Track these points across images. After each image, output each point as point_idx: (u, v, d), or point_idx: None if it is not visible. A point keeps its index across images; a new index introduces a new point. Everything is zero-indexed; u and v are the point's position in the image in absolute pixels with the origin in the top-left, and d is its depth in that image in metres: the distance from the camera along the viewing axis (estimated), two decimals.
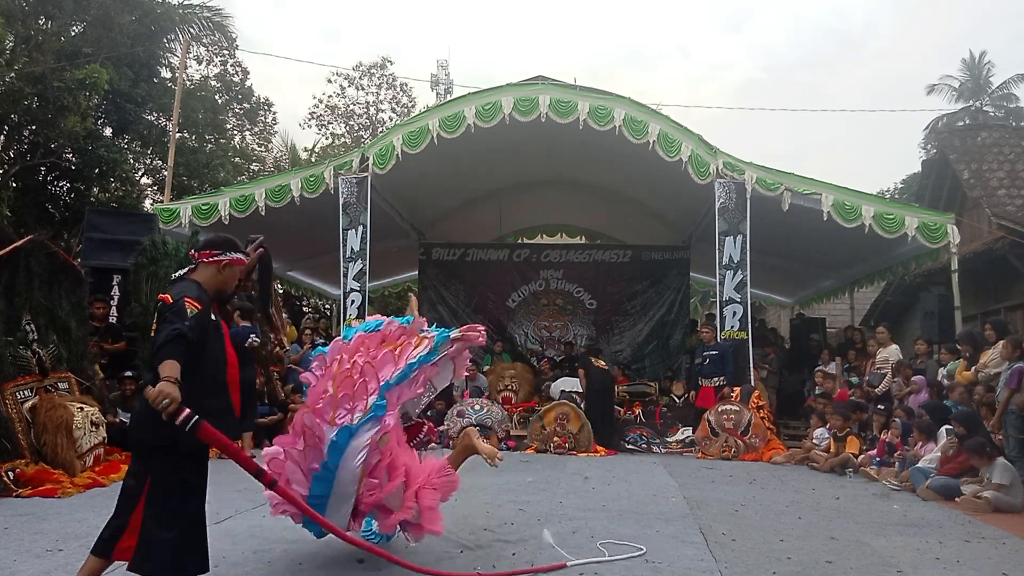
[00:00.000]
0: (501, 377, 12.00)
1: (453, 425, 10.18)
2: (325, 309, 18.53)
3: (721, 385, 10.18)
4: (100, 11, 14.69)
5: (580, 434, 9.70)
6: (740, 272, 10.32)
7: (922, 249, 10.53)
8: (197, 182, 16.51)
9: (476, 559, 4.20)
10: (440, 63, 29.62)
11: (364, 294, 10.95)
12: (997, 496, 6.14)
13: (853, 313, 16.37)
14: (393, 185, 11.86)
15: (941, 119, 27.25)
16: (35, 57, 13.75)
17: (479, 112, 10.44)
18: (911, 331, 13.96)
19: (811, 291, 16.05)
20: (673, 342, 14.35)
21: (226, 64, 19.65)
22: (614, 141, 10.52)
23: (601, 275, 14.79)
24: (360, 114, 26.18)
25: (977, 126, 18.60)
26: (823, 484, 7.37)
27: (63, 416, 6.76)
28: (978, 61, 28.25)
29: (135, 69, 15.68)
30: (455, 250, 14.99)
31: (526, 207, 15.17)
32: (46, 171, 15.42)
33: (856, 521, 5.54)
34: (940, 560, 4.44)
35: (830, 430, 8.93)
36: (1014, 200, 13.47)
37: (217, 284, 3.37)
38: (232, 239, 3.45)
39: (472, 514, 5.40)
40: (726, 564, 4.18)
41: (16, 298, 7.19)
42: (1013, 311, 12.58)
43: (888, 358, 9.70)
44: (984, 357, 7.83)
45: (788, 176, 10.38)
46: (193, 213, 11.07)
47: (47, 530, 4.83)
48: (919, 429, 7.62)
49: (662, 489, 6.79)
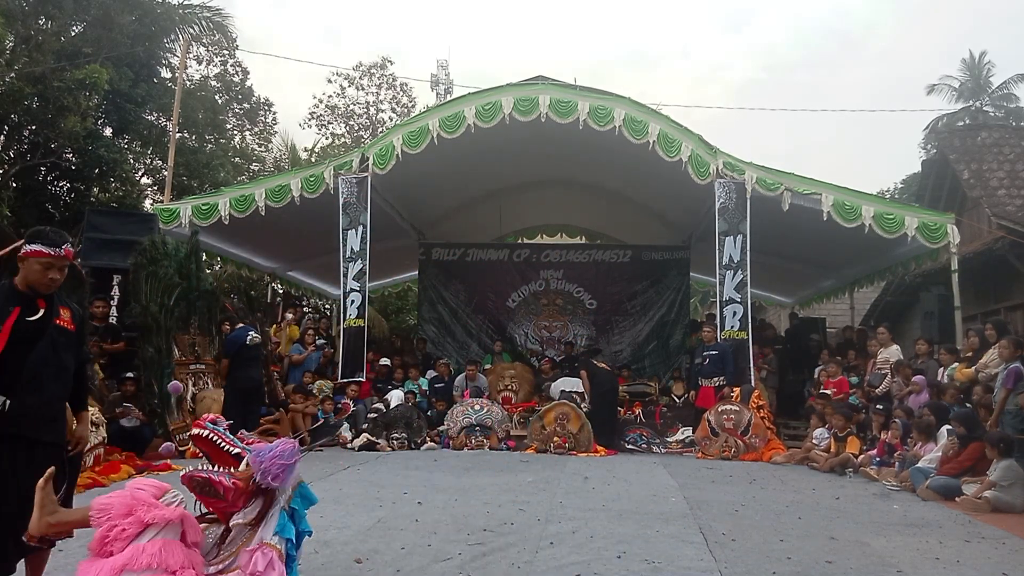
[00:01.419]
0: (501, 377, 11.99)
1: (453, 425, 10.18)
2: (325, 309, 18.54)
3: (721, 385, 10.18)
4: (100, 11, 14.69)
5: (580, 434, 9.70)
6: (740, 272, 10.31)
7: (922, 249, 10.53)
8: (197, 182, 16.52)
9: (475, 559, 4.20)
10: (440, 63, 29.69)
11: (364, 294, 10.95)
12: (997, 496, 6.14)
13: (853, 313, 16.37)
14: (393, 185, 11.86)
15: (941, 119, 27.27)
16: (35, 57, 13.76)
17: (479, 112, 10.44)
18: (911, 331, 13.96)
19: (811, 291, 16.05)
20: (673, 342, 14.35)
21: (226, 64, 19.69)
22: (614, 141, 10.52)
23: (601, 275, 14.79)
24: (360, 114, 26.19)
25: (977, 126, 18.62)
26: (823, 484, 7.37)
27: None
28: (978, 61, 28.28)
29: (135, 69, 15.69)
30: (455, 250, 14.99)
31: (526, 207, 15.17)
32: (46, 171, 15.43)
33: (856, 521, 5.54)
34: (940, 560, 4.44)
35: (830, 430, 8.93)
36: (1014, 200, 13.48)
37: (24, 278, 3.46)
38: (40, 230, 3.56)
39: (472, 514, 5.41)
40: (726, 564, 4.17)
41: None
42: (1013, 311, 12.58)
43: (888, 358, 9.70)
44: (984, 357, 7.84)
45: (788, 176, 10.38)
46: (193, 213, 11.07)
47: None
48: (919, 429, 7.62)
49: (662, 489, 6.78)
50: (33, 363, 3.37)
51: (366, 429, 9.96)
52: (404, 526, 4.98)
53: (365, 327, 11.01)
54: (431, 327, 14.69)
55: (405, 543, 4.49)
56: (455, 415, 10.27)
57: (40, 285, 3.46)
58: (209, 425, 3.23)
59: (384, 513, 5.39)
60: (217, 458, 3.17)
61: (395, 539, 4.59)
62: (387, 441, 9.66)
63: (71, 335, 3.56)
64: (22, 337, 3.39)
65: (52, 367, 3.44)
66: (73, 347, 3.57)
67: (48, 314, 3.48)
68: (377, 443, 9.53)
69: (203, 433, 3.19)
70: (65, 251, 3.56)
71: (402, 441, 9.70)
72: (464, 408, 10.35)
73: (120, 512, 2.86)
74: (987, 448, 6.53)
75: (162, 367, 8.98)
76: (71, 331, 3.56)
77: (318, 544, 4.37)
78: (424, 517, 5.28)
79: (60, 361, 3.49)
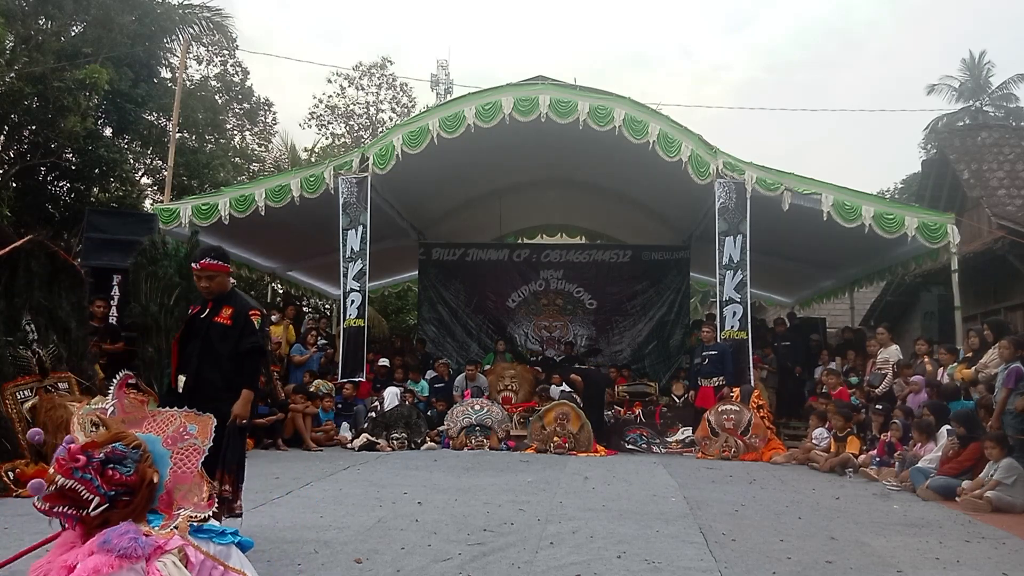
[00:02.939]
0: (501, 377, 11.99)
1: (453, 425, 10.18)
2: (325, 309, 18.53)
3: (721, 385, 10.18)
4: (100, 11, 14.67)
5: (580, 434, 9.70)
6: (740, 272, 10.31)
7: (922, 249, 10.53)
8: (197, 182, 16.49)
9: (475, 559, 4.20)
10: (440, 63, 29.64)
11: (364, 294, 10.95)
12: (998, 495, 6.14)
13: (853, 313, 16.36)
14: (393, 185, 11.86)
15: (941, 119, 27.25)
16: (35, 57, 13.74)
17: (479, 112, 10.44)
18: (911, 331, 13.97)
19: (811, 291, 16.05)
20: (673, 342, 14.36)
21: (226, 64, 19.67)
22: (614, 141, 10.52)
23: (601, 275, 14.79)
24: (360, 114, 26.19)
25: (977, 126, 18.61)
26: (823, 484, 7.37)
27: (63, 416, 6.75)
28: (978, 61, 28.26)
29: (135, 69, 15.67)
30: (455, 250, 15.00)
31: (526, 207, 15.17)
32: (46, 171, 15.41)
33: (856, 521, 5.53)
34: (940, 560, 4.44)
35: (830, 430, 8.93)
36: (1014, 200, 13.47)
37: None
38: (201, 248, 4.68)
39: (472, 514, 5.41)
40: (726, 564, 4.17)
41: (16, 298, 7.18)
42: (1013, 311, 12.58)
43: (888, 358, 9.70)
44: (984, 357, 7.84)
45: (788, 176, 10.38)
46: (193, 213, 11.06)
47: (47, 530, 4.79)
48: (919, 429, 7.62)
49: (662, 489, 6.78)
50: (194, 351, 4.39)
51: (366, 429, 9.97)
52: (404, 526, 4.98)
53: (365, 327, 11.01)
54: (431, 327, 14.68)
55: (405, 543, 4.49)
56: (455, 415, 10.28)
57: (200, 291, 4.58)
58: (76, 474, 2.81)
59: (384, 513, 5.39)
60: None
61: (395, 539, 4.59)
62: (387, 441, 9.66)
63: (227, 329, 4.40)
64: (192, 331, 4.49)
65: (210, 357, 4.36)
66: (229, 339, 4.38)
67: (211, 313, 4.45)
68: (377, 443, 9.54)
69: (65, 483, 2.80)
70: (201, 264, 4.48)
71: (402, 441, 9.71)
72: (464, 408, 10.35)
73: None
74: (987, 446, 6.53)
75: (162, 367, 8.97)
76: (228, 326, 4.40)
77: (318, 544, 4.37)
78: (424, 517, 5.28)
79: (214, 351, 4.37)
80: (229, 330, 4.37)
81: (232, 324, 4.38)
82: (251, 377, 4.47)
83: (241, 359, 4.38)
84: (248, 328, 4.43)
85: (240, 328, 4.39)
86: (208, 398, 4.09)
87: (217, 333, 4.37)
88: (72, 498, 2.84)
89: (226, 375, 4.33)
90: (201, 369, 4.34)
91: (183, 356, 4.44)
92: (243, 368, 4.39)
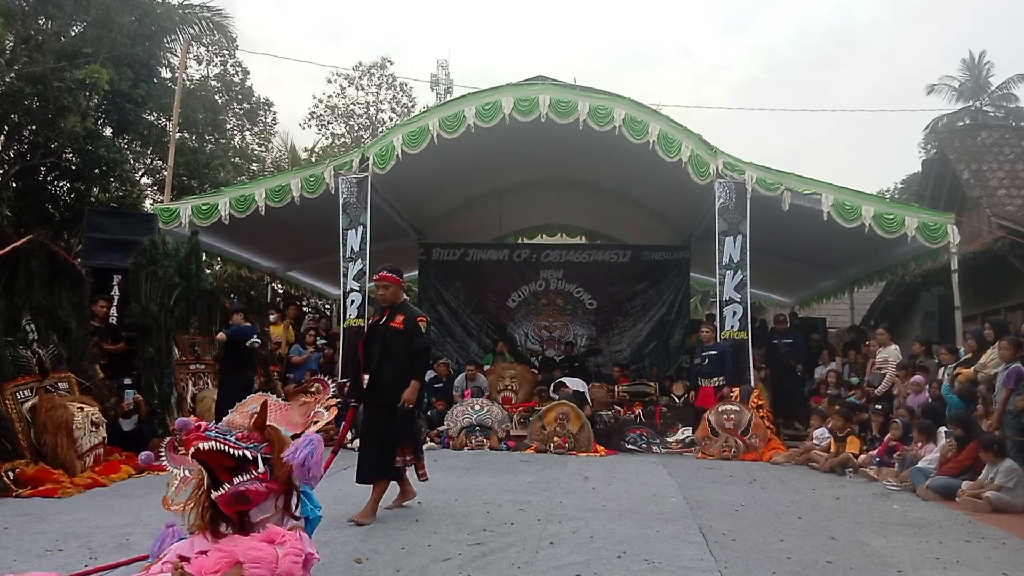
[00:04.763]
0: (501, 377, 11.98)
1: (453, 425, 10.18)
2: (325, 309, 18.53)
3: (721, 385, 10.18)
4: (100, 11, 14.67)
5: (580, 434, 9.69)
6: (740, 272, 10.31)
7: (922, 249, 10.52)
8: (197, 182, 16.50)
9: (475, 559, 4.20)
10: (440, 63, 29.64)
11: (364, 294, 10.94)
12: (998, 496, 6.14)
13: (853, 313, 16.37)
14: (393, 185, 11.85)
15: (941, 119, 27.26)
16: (35, 57, 13.74)
17: (479, 112, 10.43)
18: (911, 331, 13.96)
19: (811, 291, 16.04)
20: (673, 342, 14.35)
21: (226, 64, 19.67)
22: (614, 141, 10.51)
23: (601, 275, 14.78)
24: (360, 114, 26.21)
25: (977, 126, 18.61)
26: (823, 484, 7.37)
27: (63, 416, 6.77)
28: (978, 61, 28.26)
29: (135, 69, 15.67)
30: (455, 250, 14.99)
31: (526, 207, 15.16)
32: (46, 171, 15.41)
33: (856, 521, 5.54)
34: (940, 560, 4.44)
35: (830, 430, 8.93)
36: (1014, 200, 13.47)
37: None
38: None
39: (472, 514, 5.41)
40: (726, 564, 4.17)
41: (16, 298, 7.19)
42: (1013, 311, 12.58)
43: (888, 358, 9.70)
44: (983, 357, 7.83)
45: (788, 176, 10.37)
46: (193, 213, 11.06)
47: (47, 530, 4.83)
48: (919, 429, 7.62)
49: (662, 489, 6.78)
50: (374, 354, 5.36)
51: None
52: (404, 526, 4.98)
53: (365, 327, 10.98)
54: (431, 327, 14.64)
55: (405, 543, 4.49)
56: (455, 415, 10.27)
57: (377, 299, 5.72)
58: (212, 434, 2.98)
59: (384, 513, 5.39)
60: (218, 464, 2.95)
61: (395, 539, 4.59)
62: None
63: (400, 333, 5.34)
64: (373, 336, 5.50)
65: (387, 356, 5.31)
66: (402, 341, 5.31)
67: (387, 320, 5.42)
68: None
69: (206, 446, 2.94)
70: (380, 275, 5.54)
71: None
72: (464, 408, 10.34)
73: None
74: (980, 451, 6.53)
75: (162, 367, 8.97)
76: (400, 330, 5.34)
77: (318, 544, 4.36)
78: (424, 517, 5.28)
79: (390, 351, 5.32)
80: (402, 333, 5.32)
81: (404, 328, 5.32)
82: (420, 371, 5.48)
83: (412, 356, 5.33)
84: (417, 331, 5.37)
85: (411, 331, 5.32)
86: (385, 388, 5.26)
87: (392, 336, 5.33)
88: (211, 457, 2.96)
89: (399, 369, 5.28)
90: (380, 366, 5.30)
91: (367, 356, 5.40)
92: (413, 364, 5.35)
